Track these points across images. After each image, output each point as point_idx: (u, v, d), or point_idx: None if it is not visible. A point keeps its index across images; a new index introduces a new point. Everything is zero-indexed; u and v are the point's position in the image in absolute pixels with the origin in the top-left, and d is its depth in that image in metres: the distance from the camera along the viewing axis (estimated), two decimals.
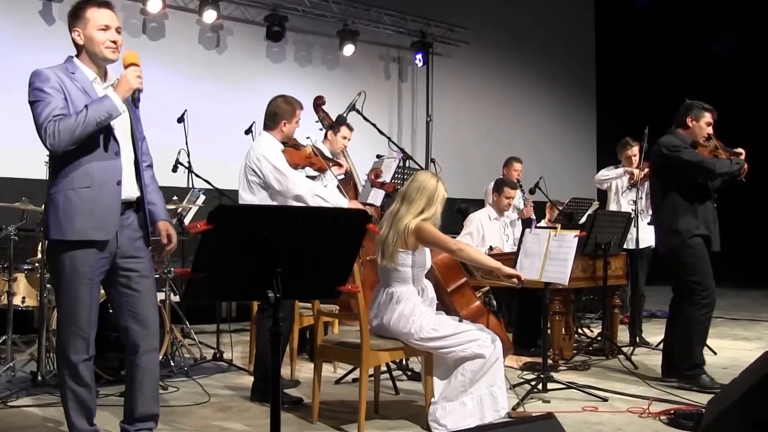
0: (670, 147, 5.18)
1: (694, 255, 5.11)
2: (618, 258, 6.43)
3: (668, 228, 5.18)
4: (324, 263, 2.65)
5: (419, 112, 11.12)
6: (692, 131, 5.29)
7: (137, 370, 3.43)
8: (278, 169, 4.51)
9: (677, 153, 5.14)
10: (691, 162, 5.11)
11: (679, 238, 5.12)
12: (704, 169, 5.11)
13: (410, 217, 4.07)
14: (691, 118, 5.29)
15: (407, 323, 4.00)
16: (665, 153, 5.18)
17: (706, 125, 5.30)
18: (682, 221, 5.12)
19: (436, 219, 4.14)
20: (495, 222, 6.92)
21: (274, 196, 4.57)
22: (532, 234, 4.91)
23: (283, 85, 9.09)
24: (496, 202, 6.93)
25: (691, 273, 5.11)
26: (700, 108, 5.31)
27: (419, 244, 4.09)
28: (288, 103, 4.73)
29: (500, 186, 6.95)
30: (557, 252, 4.74)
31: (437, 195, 4.12)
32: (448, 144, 11.21)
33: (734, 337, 7.43)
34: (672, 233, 5.15)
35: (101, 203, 3.29)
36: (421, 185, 4.15)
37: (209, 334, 6.86)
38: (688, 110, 5.32)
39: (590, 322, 8.01)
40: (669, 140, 5.24)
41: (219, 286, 2.53)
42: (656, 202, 5.35)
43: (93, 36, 3.36)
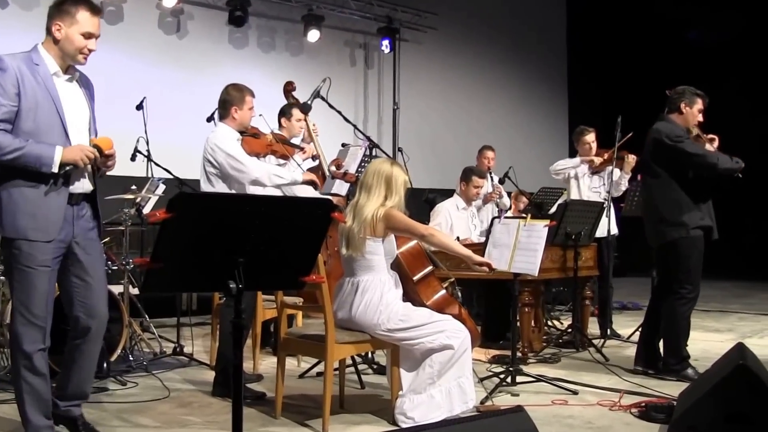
0: (672, 137, 5.14)
1: (694, 248, 5.13)
2: (589, 248, 6.49)
3: (668, 220, 5.15)
4: (287, 253, 2.65)
5: (386, 99, 11.12)
6: (685, 117, 5.30)
7: (79, 353, 3.56)
8: (232, 155, 4.57)
9: (680, 144, 5.12)
10: (695, 155, 5.09)
11: (681, 230, 5.11)
12: (707, 164, 5.09)
13: (373, 206, 4.07)
14: (685, 103, 5.29)
15: (374, 314, 4.00)
16: (667, 143, 5.14)
17: (698, 112, 5.32)
18: (685, 212, 5.12)
19: (401, 205, 4.15)
20: (463, 212, 6.95)
21: (232, 187, 4.61)
22: (501, 224, 4.93)
23: (245, 72, 9.08)
24: (464, 191, 6.96)
25: (684, 267, 5.13)
26: (692, 94, 5.32)
27: (388, 232, 4.10)
28: (238, 89, 4.80)
29: (468, 175, 6.97)
30: (527, 242, 4.76)
31: (395, 179, 4.13)
32: (415, 133, 11.22)
33: (705, 328, 7.54)
34: (673, 225, 5.13)
35: (46, 203, 3.35)
36: (377, 172, 4.16)
37: (169, 327, 6.81)
38: (681, 96, 5.31)
39: (560, 314, 8.08)
40: (670, 129, 5.20)
41: (178, 276, 2.51)
42: (653, 192, 5.28)
43: (74, 38, 3.42)
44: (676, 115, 5.32)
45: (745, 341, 5.90)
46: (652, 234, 5.33)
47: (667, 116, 5.34)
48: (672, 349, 5.21)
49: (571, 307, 7.17)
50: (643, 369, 5.36)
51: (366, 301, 4.02)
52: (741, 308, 9.21)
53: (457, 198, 7.03)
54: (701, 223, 5.14)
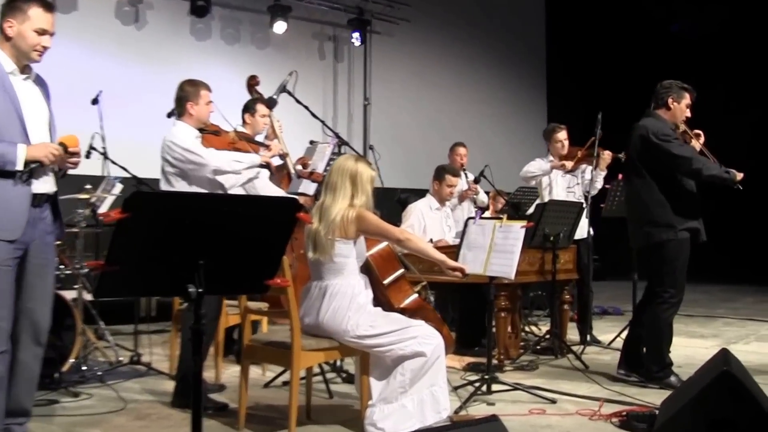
0: (660, 135, 5.18)
1: (680, 251, 5.18)
2: (568, 251, 6.54)
3: (655, 221, 5.18)
4: (251, 255, 2.64)
5: (356, 95, 11.13)
6: (673, 113, 5.34)
7: (17, 363, 3.51)
8: (189, 149, 4.61)
9: (667, 144, 5.16)
10: (680, 157, 5.12)
11: (669, 231, 5.15)
12: (691, 170, 5.12)
13: (339, 206, 4.07)
14: (673, 98, 5.34)
15: (342, 320, 4.00)
16: (654, 141, 5.18)
17: (686, 107, 5.36)
18: (673, 213, 5.15)
19: (370, 203, 4.15)
20: (436, 212, 6.97)
21: (193, 186, 4.61)
22: (475, 225, 4.95)
23: (208, 65, 9.06)
24: (437, 190, 6.97)
25: (669, 270, 5.18)
26: (680, 88, 5.36)
27: (359, 234, 4.10)
28: (192, 84, 4.86)
29: (441, 173, 6.98)
30: (503, 244, 4.79)
31: (360, 176, 4.13)
32: (387, 129, 11.24)
33: (690, 334, 7.63)
34: (660, 226, 5.16)
35: (9, 203, 3.40)
36: (340, 170, 4.16)
37: (126, 335, 6.76)
38: (668, 90, 5.36)
39: (538, 319, 8.14)
40: (658, 126, 5.23)
41: (135, 280, 2.49)
42: (640, 192, 5.30)
43: (27, 35, 3.47)
44: (663, 111, 5.36)
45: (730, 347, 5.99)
46: (637, 235, 5.35)
47: (654, 112, 5.38)
48: (654, 356, 5.25)
49: (549, 312, 7.21)
50: (626, 373, 5.41)
51: (334, 306, 4.02)
52: (727, 313, 9.33)
53: (430, 198, 7.04)
54: (689, 224, 5.18)
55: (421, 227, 6.79)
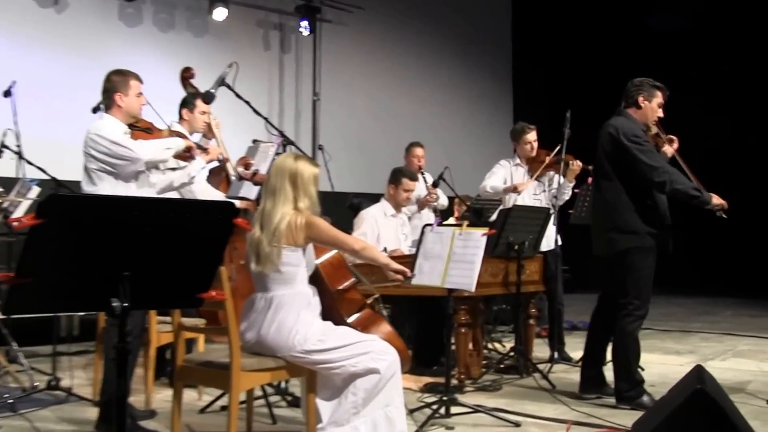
0: (630, 136, 5.25)
1: (647, 260, 5.25)
2: (534, 261, 6.59)
3: (621, 227, 5.25)
4: (182, 265, 2.63)
5: (304, 89, 11.10)
6: (644, 112, 5.43)
7: None
8: (117, 142, 4.61)
9: (637, 147, 5.23)
10: (647, 165, 5.20)
11: (635, 239, 5.22)
12: (656, 182, 5.21)
13: (282, 211, 4.05)
14: (644, 97, 5.42)
15: (289, 334, 3.99)
16: (624, 143, 5.24)
17: (658, 107, 5.45)
18: (640, 220, 5.23)
19: (315, 205, 4.16)
20: (392, 219, 6.98)
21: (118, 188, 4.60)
22: (433, 232, 4.97)
23: (139, 55, 8.97)
24: (393, 195, 6.98)
25: (634, 280, 5.25)
26: (651, 86, 5.45)
27: (309, 241, 4.11)
28: (120, 74, 4.84)
29: (397, 176, 6.99)
30: (462, 253, 4.81)
31: (301, 176, 4.13)
32: (339, 128, 11.24)
33: (665, 350, 7.73)
34: (626, 233, 5.23)
35: None
36: (279, 170, 4.16)
37: (44, 357, 6.66)
38: (639, 88, 5.44)
39: (502, 335, 8.18)
40: (629, 127, 5.30)
41: (51, 294, 2.46)
42: (607, 196, 5.37)
43: None
44: (633, 110, 5.44)
45: (706, 364, 6.09)
46: (601, 242, 5.42)
47: (624, 111, 5.45)
48: (623, 374, 5.30)
49: (513, 328, 7.25)
50: (597, 396, 5.47)
51: (280, 318, 4.01)
52: (704, 327, 9.47)
53: (384, 203, 7.04)
54: (655, 232, 5.26)
55: (375, 235, 6.79)
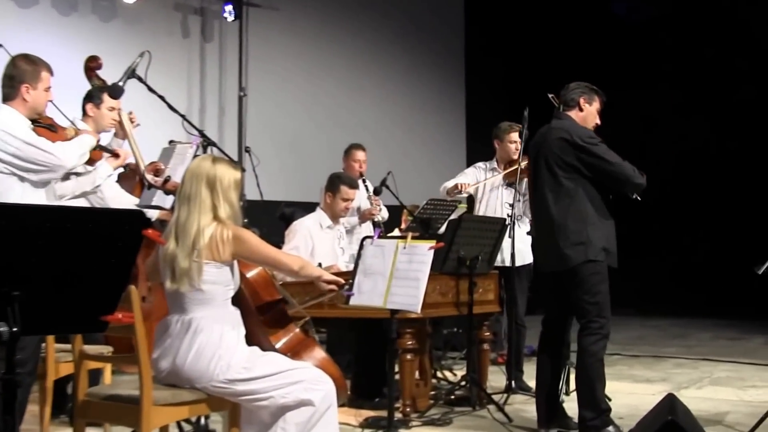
0: (585, 137, 5.37)
1: (599, 273, 5.35)
2: (488, 278, 6.61)
3: (573, 240, 5.35)
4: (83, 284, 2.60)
5: (229, 83, 11.05)
6: (584, 117, 5.56)
7: None
8: (32, 143, 4.56)
9: (596, 147, 5.35)
10: (613, 163, 5.33)
11: (588, 250, 5.32)
12: (622, 177, 5.34)
13: (200, 221, 4.03)
14: (585, 99, 5.56)
15: (210, 361, 3.96)
16: (579, 143, 5.35)
17: (597, 112, 5.60)
18: (591, 230, 5.33)
19: (237, 214, 4.16)
20: (328, 231, 6.97)
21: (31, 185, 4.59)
22: (373, 246, 4.98)
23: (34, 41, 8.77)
24: (330, 205, 6.97)
25: (591, 294, 5.34)
26: (590, 89, 5.60)
27: (236, 258, 4.11)
28: (31, 62, 4.75)
29: (335, 184, 6.98)
30: (407, 269, 4.83)
31: (220, 181, 4.11)
32: (269, 128, 11.20)
33: (634, 378, 7.82)
34: (579, 245, 5.33)
35: None
36: (194, 175, 4.14)
37: None
38: (580, 90, 5.58)
39: (453, 362, 8.19)
40: (580, 129, 5.43)
41: None
42: (552, 206, 5.45)
43: None
44: (575, 113, 5.58)
45: (680, 393, 6.18)
46: (550, 257, 5.52)
47: (566, 114, 5.59)
48: (588, 400, 5.35)
49: (466, 354, 7.27)
50: (557, 430, 5.52)
51: (200, 343, 3.97)
52: (678, 352, 9.59)
53: (320, 213, 7.03)
54: (604, 244, 5.38)
55: (309, 249, 6.76)
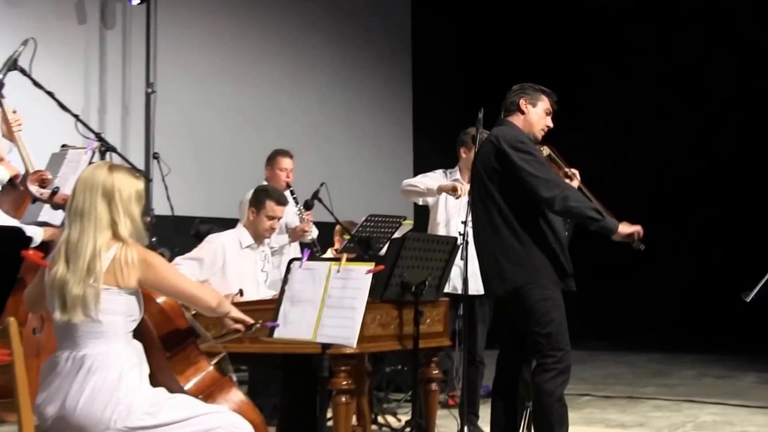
0: (515, 143, 5.50)
1: (549, 297, 5.44)
2: (437, 306, 6.56)
3: (513, 257, 5.46)
4: None
5: (134, 77, 10.99)
6: (529, 119, 5.70)
7: None
8: None
9: (521, 155, 5.48)
10: (533, 176, 5.44)
11: (531, 271, 5.42)
12: (543, 198, 5.43)
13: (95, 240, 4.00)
14: (526, 100, 5.70)
15: (107, 405, 3.92)
16: (502, 149, 5.49)
17: (546, 113, 5.74)
18: (533, 249, 5.45)
19: (141, 232, 4.14)
20: (248, 252, 6.93)
21: None
22: (302, 269, 4.96)
23: None
24: (253, 222, 6.93)
25: (542, 324, 5.42)
26: (535, 90, 5.76)
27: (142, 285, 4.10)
28: None
29: (260, 198, 6.95)
30: (341, 296, 4.80)
31: (119, 192, 4.09)
32: (182, 131, 11.16)
33: (607, 423, 7.86)
34: (520, 265, 5.44)
35: None
36: (88, 185, 4.12)
37: None
38: (520, 92, 5.73)
39: (397, 405, 8.19)
40: (512, 134, 5.56)
41: None
42: (488, 222, 5.60)
43: None
44: (516, 117, 5.74)
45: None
46: (491, 280, 5.65)
47: (506, 120, 5.76)
48: None
49: (411, 395, 7.27)
50: None
51: (95, 384, 3.94)
52: (657, 392, 9.65)
53: (241, 231, 6.99)
54: (556, 264, 5.49)
55: (217, 267, 6.71)
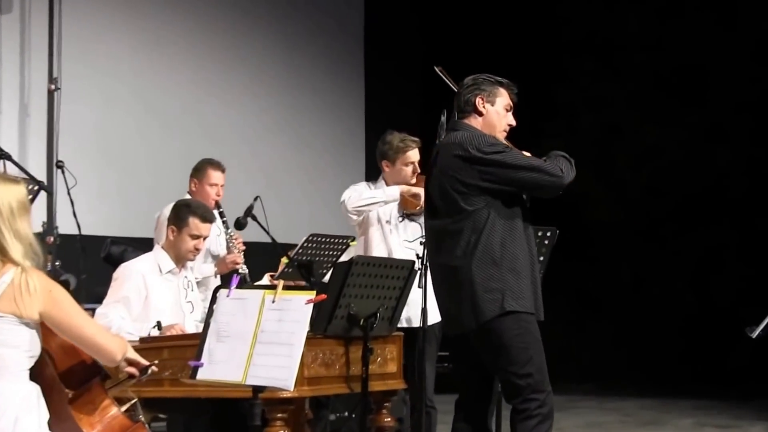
0: (484, 146, 5.50)
1: (527, 330, 5.45)
2: (390, 342, 6.56)
3: (482, 284, 5.45)
4: None
5: (34, 72, 10.96)
6: (488, 120, 5.72)
7: None
8: None
9: (498, 155, 5.49)
10: (517, 168, 5.48)
11: (506, 298, 5.42)
12: (533, 183, 5.53)
13: None
14: (483, 98, 5.70)
15: None
16: (477, 156, 5.48)
17: (506, 110, 5.76)
18: (510, 272, 5.46)
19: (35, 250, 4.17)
20: (169, 278, 6.92)
21: None
22: (230, 299, 4.96)
23: None
24: (174, 242, 6.91)
25: (520, 364, 5.43)
26: (491, 83, 5.77)
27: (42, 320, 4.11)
28: None
29: (182, 215, 6.94)
30: (276, 331, 4.81)
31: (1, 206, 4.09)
32: (90, 135, 11.16)
33: None
34: (491, 292, 5.43)
35: None
36: None
37: None
38: (474, 88, 5.73)
39: None
40: (477, 138, 5.55)
41: None
42: (449, 244, 5.60)
43: None
44: (473, 119, 5.74)
45: None
46: (454, 313, 5.66)
47: (461, 123, 5.76)
48: None
49: None
50: None
51: None
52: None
53: (160, 254, 6.96)
54: (526, 293, 5.51)
55: (141, 298, 6.69)
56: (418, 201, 7.24)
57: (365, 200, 7.43)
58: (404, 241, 7.36)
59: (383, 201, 7.40)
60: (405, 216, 7.36)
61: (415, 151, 7.47)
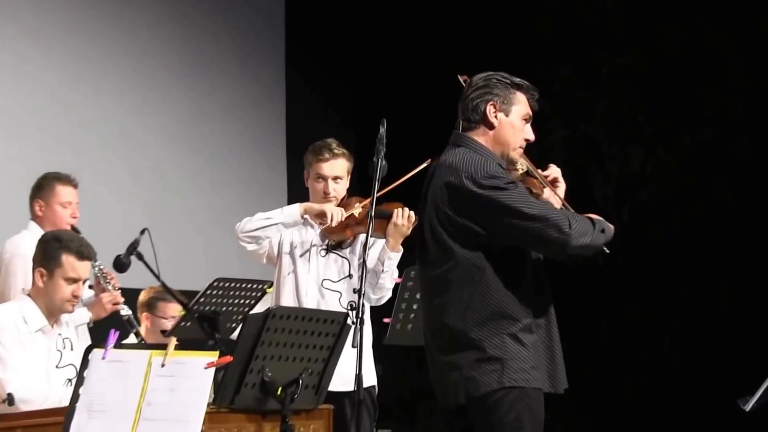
0: (481, 178, 5.44)
1: (528, 407, 5.41)
2: (315, 417, 6.55)
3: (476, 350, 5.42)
4: None
5: None
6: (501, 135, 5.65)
7: None
8: None
9: (493, 192, 5.42)
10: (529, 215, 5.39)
11: (506, 370, 5.37)
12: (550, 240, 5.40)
13: None
14: (495, 106, 5.61)
15: None
16: (471, 190, 5.42)
17: (524, 120, 5.69)
18: (510, 334, 5.40)
19: None
20: (40, 337, 6.94)
21: None
22: (106, 361, 4.87)
23: None
24: (46, 289, 7.03)
25: None
26: (507, 86, 5.65)
27: None
28: None
29: (51, 251, 7.03)
30: (167, 404, 4.80)
31: None
32: None
33: None
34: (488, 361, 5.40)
35: None
36: None
37: None
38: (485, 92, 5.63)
39: None
40: (476, 165, 5.49)
41: None
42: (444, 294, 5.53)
43: None
44: (481, 132, 5.66)
45: None
46: (443, 383, 5.61)
47: (465, 137, 5.68)
48: None
49: None
50: None
51: None
52: None
53: (26, 305, 7.09)
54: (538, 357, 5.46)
55: (6, 360, 6.72)
56: (328, 222, 7.14)
57: (257, 222, 7.38)
58: (325, 280, 7.24)
59: (281, 222, 7.32)
60: (330, 248, 7.24)
61: (332, 164, 7.47)
